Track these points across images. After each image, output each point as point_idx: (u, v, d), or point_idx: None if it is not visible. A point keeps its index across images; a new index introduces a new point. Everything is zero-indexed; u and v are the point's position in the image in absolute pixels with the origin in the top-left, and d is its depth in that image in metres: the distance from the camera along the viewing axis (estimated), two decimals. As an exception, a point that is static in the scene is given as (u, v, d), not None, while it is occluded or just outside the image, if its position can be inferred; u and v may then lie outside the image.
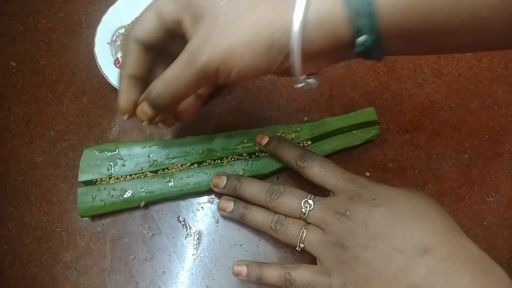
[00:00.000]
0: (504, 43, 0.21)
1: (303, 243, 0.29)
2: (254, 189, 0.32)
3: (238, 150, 0.36)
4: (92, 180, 0.35)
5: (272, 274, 0.30)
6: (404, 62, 0.42)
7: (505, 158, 0.38)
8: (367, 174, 0.37)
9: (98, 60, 0.39)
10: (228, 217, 0.34)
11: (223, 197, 0.34)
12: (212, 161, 0.36)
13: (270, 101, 0.41)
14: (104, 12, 0.42)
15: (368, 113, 0.38)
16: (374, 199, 0.28)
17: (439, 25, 0.20)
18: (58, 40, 0.44)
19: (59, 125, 0.39)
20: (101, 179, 0.35)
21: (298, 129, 0.37)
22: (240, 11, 0.22)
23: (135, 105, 0.28)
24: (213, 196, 0.36)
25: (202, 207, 0.36)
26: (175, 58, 0.24)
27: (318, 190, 0.32)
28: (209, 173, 0.35)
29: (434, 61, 0.42)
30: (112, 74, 0.39)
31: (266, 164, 0.36)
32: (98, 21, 0.41)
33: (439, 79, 0.41)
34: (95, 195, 0.34)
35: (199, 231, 0.35)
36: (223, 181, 0.33)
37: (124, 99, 0.28)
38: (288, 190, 0.31)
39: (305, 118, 0.39)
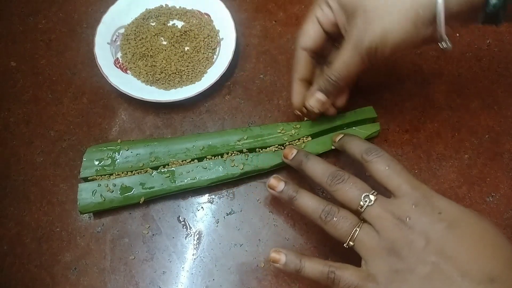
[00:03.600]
0: None
1: (353, 242, 0.27)
2: (318, 168, 0.31)
3: (238, 146, 0.36)
4: (93, 177, 0.35)
5: (314, 269, 0.28)
6: (404, 62, 0.42)
7: (505, 158, 0.38)
8: (367, 174, 0.37)
9: (98, 60, 0.39)
10: (276, 196, 0.32)
11: (274, 175, 0.33)
12: (212, 157, 0.36)
13: (270, 101, 0.41)
14: (104, 12, 0.42)
15: (367, 111, 0.38)
16: (440, 213, 0.26)
17: None
18: (58, 40, 0.44)
19: (59, 125, 0.39)
20: (102, 175, 0.35)
21: (298, 126, 0.37)
22: (385, 2, 0.28)
23: (303, 102, 0.35)
24: (213, 196, 0.36)
25: (202, 207, 0.36)
26: (326, 60, 0.36)
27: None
28: (209, 168, 0.35)
29: (434, 61, 0.42)
30: (112, 74, 0.39)
31: (266, 160, 0.36)
32: (98, 21, 0.41)
33: (439, 79, 0.41)
34: (95, 191, 0.34)
35: (199, 231, 0.35)
36: (292, 153, 0.33)
37: (298, 99, 0.35)
38: (352, 179, 0.29)
39: (305, 118, 0.39)
